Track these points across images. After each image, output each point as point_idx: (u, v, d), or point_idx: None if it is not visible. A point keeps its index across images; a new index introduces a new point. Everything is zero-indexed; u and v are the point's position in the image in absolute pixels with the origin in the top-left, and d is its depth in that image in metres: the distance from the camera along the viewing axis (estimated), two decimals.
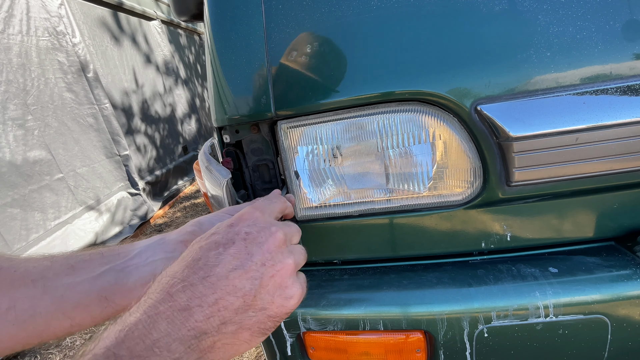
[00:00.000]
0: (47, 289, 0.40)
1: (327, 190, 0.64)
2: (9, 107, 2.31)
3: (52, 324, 0.39)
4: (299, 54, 0.56)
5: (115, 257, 0.44)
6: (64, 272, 0.41)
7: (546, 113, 0.51)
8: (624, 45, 0.50)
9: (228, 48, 0.59)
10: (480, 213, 0.62)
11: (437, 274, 0.63)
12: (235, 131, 0.64)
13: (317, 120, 0.59)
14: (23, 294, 0.38)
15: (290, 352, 0.67)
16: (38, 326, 0.39)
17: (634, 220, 0.61)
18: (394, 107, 0.57)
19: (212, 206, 0.74)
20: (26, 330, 0.38)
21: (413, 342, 0.60)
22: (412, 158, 0.60)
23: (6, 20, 2.35)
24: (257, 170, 0.68)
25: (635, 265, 0.56)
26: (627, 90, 0.50)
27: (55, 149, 2.66)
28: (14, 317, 0.37)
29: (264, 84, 0.57)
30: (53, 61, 2.72)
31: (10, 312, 0.37)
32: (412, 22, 0.53)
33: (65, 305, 0.40)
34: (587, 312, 0.54)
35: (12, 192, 2.26)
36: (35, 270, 0.41)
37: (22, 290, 0.39)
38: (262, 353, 1.78)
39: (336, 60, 0.55)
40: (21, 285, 0.39)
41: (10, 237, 2.21)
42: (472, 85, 0.53)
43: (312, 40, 0.56)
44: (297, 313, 0.62)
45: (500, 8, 0.51)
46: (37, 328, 0.39)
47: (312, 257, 0.72)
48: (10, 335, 0.37)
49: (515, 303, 0.55)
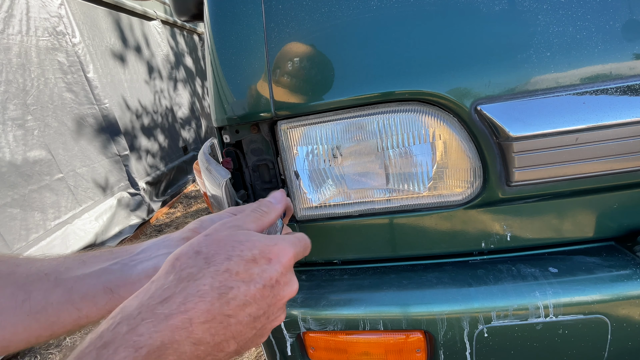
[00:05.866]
0: (59, 282, 0.42)
1: (327, 190, 0.64)
2: (9, 107, 2.31)
3: (62, 315, 0.41)
4: (299, 54, 0.56)
5: (122, 253, 0.46)
6: (75, 267, 0.44)
7: (546, 113, 0.51)
8: (623, 45, 0.50)
9: (228, 48, 0.59)
10: (480, 213, 0.62)
11: (437, 274, 0.63)
12: (235, 131, 0.64)
13: (317, 120, 0.59)
14: (37, 287, 0.41)
15: (290, 352, 0.67)
16: (50, 317, 0.40)
17: (634, 220, 0.61)
18: (394, 107, 0.57)
19: (212, 206, 0.74)
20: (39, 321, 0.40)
21: (413, 342, 0.60)
22: (412, 158, 0.60)
23: (6, 20, 2.35)
24: (257, 170, 0.68)
25: (635, 265, 0.56)
26: (627, 90, 0.50)
27: (55, 149, 2.66)
28: (29, 308, 0.39)
29: (264, 84, 0.57)
30: (53, 61, 2.72)
31: (25, 303, 0.39)
32: (412, 22, 0.53)
33: (74, 297, 0.41)
34: (587, 312, 0.54)
35: (12, 192, 2.26)
36: (50, 265, 0.43)
37: (36, 284, 0.41)
38: (262, 353, 1.78)
39: (336, 60, 0.55)
40: (36, 279, 0.41)
41: (10, 237, 2.21)
42: (472, 85, 0.53)
43: (312, 40, 0.56)
44: (297, 313, 0.62)
45: (500, 8, 0.51)
46: (49, 319, 0.40)
47: (312, 257, 0.72)
48: (25, 326, 0.39)
49: (515, 303, 0.55)
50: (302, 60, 0.56)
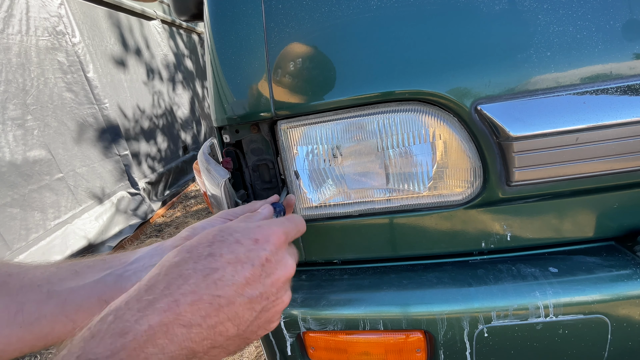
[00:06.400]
0: (52, 294, 0.41)
1: (327, 190, 0.64)
2: (9, 107, 2.31)
3: (56, 326, 0.41)
4: (299, 54, 0.56)
5: (116, 263, 0.46)
6: (68, 278, 0.43)
7: (546, 113, 0.51)
8: (624, 45, 0.50)
9: (228, 48, 0.59)
10: (480, 213, 0.62)
11: (437, 273, 0.63)
12: (235, 131, 0.64)
13: (317, 120, 0.59)
14: (30, 299, 0.40)
15: (290, 351, 0.67)
16: (43, 329, 0.40)
17: (634, 220, 0.61)
18: (394, 107, 0.56)
19: (212, 206, 0.74)
20: (32, 332, 0.40)
21: (413, 342, 0.60)
22: (412, 158, 0.59)
23: (6, 20, 2.35)
24: (257, 170, 0.68)
25: (635, 265, 0.56)
26: (627, 90, 0.50)
27: (55, 148, 2.66)
28: (22, 320, 0.39)
29: (264, 83, 0.57)
30: (53, 61, 2.72)
31: (18, 315, 0.39)
32: (412, 21, 0.53)
33: (69, 309, 0.41)
34: (587, 312, 0.54)
35: (12, 192, 2.26)
36: (42, 276, 0.42)
37: (29, 295, 0.40)
38: (262, 353, 1.78)
39: (336, 60, 0.55)
40: (28, 290, 0.41)
41: (10, 237, 2.21)
42: (472, 85, 0.53)
43: (312, 40, 0.56)
44: (297, 313, 0.62)
45: (500, 8, 0.51)
46: (43, 330, 0.40)
47: (312, 257, 0.72)
48: (18, 337, 0.39)
49: (515, 303, 0.55)
50: (302, 60, 0.56)
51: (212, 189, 0.64)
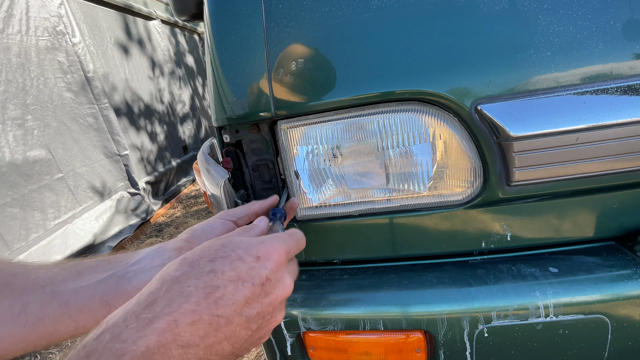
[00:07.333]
0: (55, 294, 0.42)
1: (327, 190, 0.64)
2: (9, 107, 2.31)
3: (59, 327, 0.41)
4: (299, 54, 0.56)
5: (118, 264, 0.46)
6: (71, 278, 0.43)
7: (546, 113, 0.51)
8: (624, 45, 0.50)
9: (228, 48, 0.58)
10: (481, 213, 0.62)
11: (437, 273, 0.63)
12: (235, 131, 0.64)
13: (317, 120, 0.59)
14: (33, 299, 0.41)
15: (290, 352, 0.67)
16: (46, 329, 0.40)
17: (634, 220, 0.61)
18: (394, 107, 0.56)
19: (212, 206, 0.74)
20: (35, 332, 0.40)
21: (413, 342, 0.60)
22: (412, 158, 0.59)
23: (6, 20, 2.35)
24: (257, 170, 0.68)
25: (635, 265, 0.56)
26: (628, 90, 0.50)
27: (55, 148, 2.66)
28: (25, 320, 0.40)
29: (264, 83, 0.57)
30: (53, 61, 2.72)
31: (21, 315, 0.39)
32: (412, 21, 0.53)
33: (71, 309, 0.41)
34: (587, 312, 0.54)
35: (11, 192, 2.26)
36: (46, 277, 0.43)
37: (32, 296, 0.41)
38: (262, 353, 1.78)
39: (336, 60, 0.55)
40: (32, 291, 0.41)
41: (9, 237, 2.21)
42: (473, 84, 0.53)
43: (312, 40, 0.56)
44: (297, 313, 0.62)
45: (500, 7, 0.51)
46: (46, 331, 0.40)
47: (312, 257, 0.72)
48: (21, 337, 0.39)
49: (516, 303, 0.55)
50: (302, 60, 0.56)
51: (212, 189, 0.64)
